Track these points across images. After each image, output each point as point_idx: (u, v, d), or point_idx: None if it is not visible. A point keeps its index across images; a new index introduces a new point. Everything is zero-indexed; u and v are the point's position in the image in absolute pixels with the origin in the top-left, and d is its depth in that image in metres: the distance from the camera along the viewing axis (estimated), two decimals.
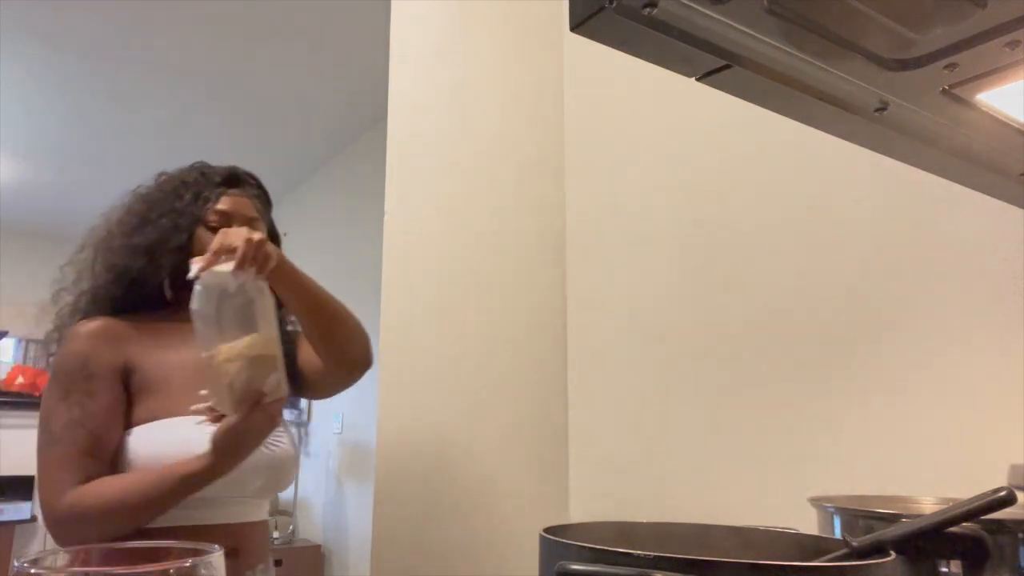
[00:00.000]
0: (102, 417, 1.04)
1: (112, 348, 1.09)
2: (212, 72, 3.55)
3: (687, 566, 0.44)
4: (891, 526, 0.63)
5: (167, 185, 1.20)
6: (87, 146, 4.46)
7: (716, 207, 1.49)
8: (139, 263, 1.14)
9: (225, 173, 1.23)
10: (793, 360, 1.31)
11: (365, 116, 3.77)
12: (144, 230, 1.15)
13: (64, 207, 5.47)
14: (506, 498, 1.64)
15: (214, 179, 1.21)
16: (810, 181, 1.32)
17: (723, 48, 0.50)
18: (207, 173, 1.21)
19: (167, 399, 1.08)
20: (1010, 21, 0.49)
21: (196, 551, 0.42)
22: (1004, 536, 0.65)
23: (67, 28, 3.17)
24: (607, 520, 0.74)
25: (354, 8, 2.94)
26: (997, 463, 0.85)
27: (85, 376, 1.06)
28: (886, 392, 1.17)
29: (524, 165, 1.82)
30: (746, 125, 1.43)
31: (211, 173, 1.22)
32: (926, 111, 0.60)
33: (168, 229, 1.15)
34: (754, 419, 1.36)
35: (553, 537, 0.55)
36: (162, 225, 1.15)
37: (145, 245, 1.14)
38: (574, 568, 0.48)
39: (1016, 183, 0.71)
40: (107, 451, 1.04)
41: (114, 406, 1.06)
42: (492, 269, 1.73)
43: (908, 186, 1.16)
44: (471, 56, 1.79)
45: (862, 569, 0.46)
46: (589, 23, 0.46)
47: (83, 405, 1.04)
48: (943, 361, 1.10)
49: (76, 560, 0.45)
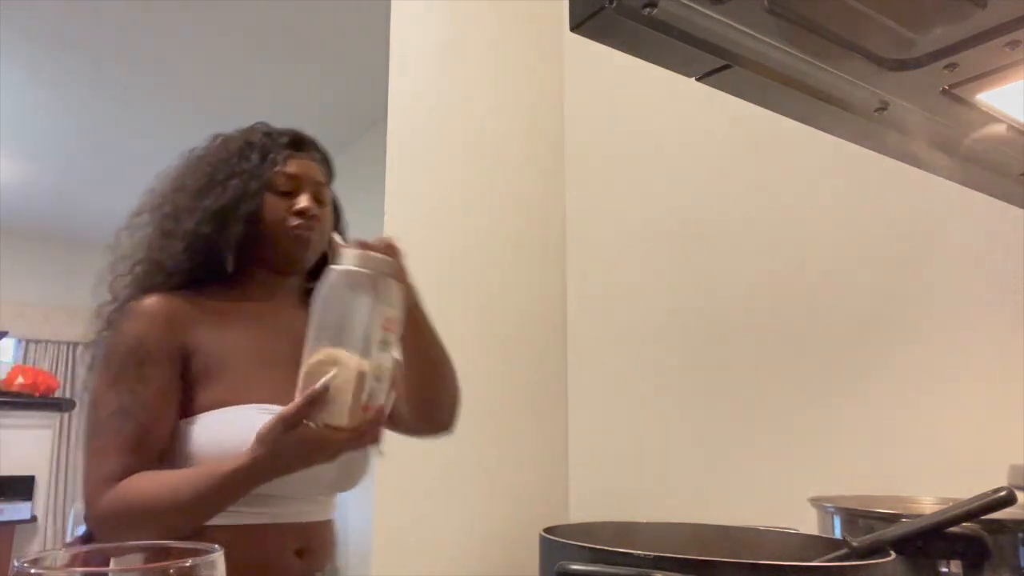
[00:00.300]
0: (153, 406, 0.94)
1: (169, 329, 0.98)
2: (212, 72, 3.56)
3: (687, 566, 0.44)
4: (891, 526, 0.63)
5: (231, 145, 1.09)
6: (87, 146, 4.46)
7: (716, 207, 1.49)
8: (207, 229, 1.02)
9: (291, 135, 1.12)
10: (793, 361, 1.31)
11: (365, 116, 3.77)
12: (212, 192, 1.03)
13: (64, 207, 5.47)
14: (506, 498, 1.64)
15: (280, 140, 1.10)
16: (810, 182, 1.32)
17: (723, 48, 0.50)
18: (271, 134, 1.11)
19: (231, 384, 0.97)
20: (1010, 21, 0.49)
21: (196, 551, 0.42)
22: (1004, 536, 0.65)
23: (68, 29, 3.17)
24: (607, 520, 0.74)
25: (354, 8, 2.94)
26: (997, 463, 0.85)
27: (138, 360, 0.96)
28: (886, 392, 1.17)
29: (524, 165, 1.82)
30: (746, 125, 1.43)
31: (276, 134, 1.11)
32: (926, 111, 0.60)
33: (239, 192, 1.03)
34: (754, 419, 1.36)
35: (553, 537, 0.55)
36: (232, 187, 1.03)
37: (215, 209, 1.02)
38: (574, 568, 0.48)
39: (1016, 183, 0.71)
40: (157, 443, 0.94)
41: (167, 394, 0.96)
42: (492, 269, 1.73)
43: (908, 186, 1.16)
44: (471, 57, 1.79)
45: (862, 569, 0.46)
46: (589, 23, 0.46)
47: (134, 392, 0.94)
48: (943, 361, 1.10)
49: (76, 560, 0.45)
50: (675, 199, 1.59)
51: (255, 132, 1.11)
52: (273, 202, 1.05)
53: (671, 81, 0.62)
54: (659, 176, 1.64)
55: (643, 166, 1.68)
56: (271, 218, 1.04)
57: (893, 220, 1.19)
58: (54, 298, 6.11)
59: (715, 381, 1.44)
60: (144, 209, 1.08)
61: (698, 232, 1.52)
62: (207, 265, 1.03)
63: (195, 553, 0.41)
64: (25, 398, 4.28)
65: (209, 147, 1.11)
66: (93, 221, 5.85)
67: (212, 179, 1.05)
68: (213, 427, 0.95)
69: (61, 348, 6.13)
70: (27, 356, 5.98)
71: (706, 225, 1.51)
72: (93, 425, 0.95)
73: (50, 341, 6.07)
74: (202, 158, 1.09)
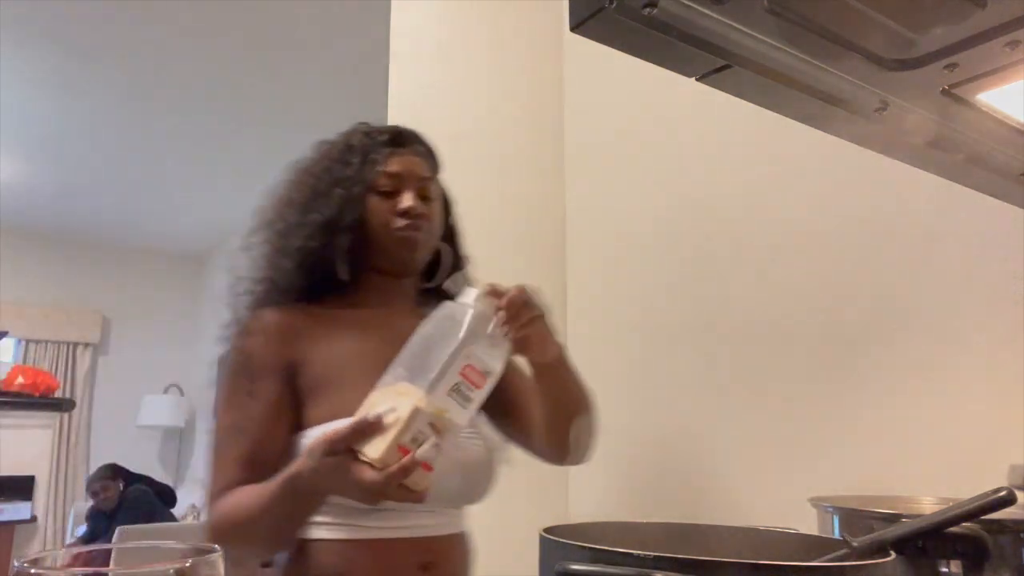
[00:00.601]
0: (264, 421, 0.94)
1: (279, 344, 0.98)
2: (212, 73, 3.56)
3: (687, 566, 0.44)
4: (891, 526, 0.63)
5: (332, 152, 1.07)
6: (87, 146, 4.46)
7: (717, 207, 1.49)
8: (315, 244, 1.01)
9: (390, 131, 1.09)
10: (793, 361, 1.31)
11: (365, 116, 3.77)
12: (318, 205, 1.02)
13: (64, 207, 5.46)
14: (506, 498, 1.64)
15: (379, 139, 1.07)
16: (810, 181, 1.32)
17: (723, 48, 0.50)
18: (371, 133, 1.08)
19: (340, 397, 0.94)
20: (1010, 21, 0.49)
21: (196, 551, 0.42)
22: (1004, 536, 0.65)
23: (68, 29, 3.17)
24: (607, 520, 0.74)
25: (354, 9, 2.94)
26: (997, 463, 0.85)
27: (249, 376, 0.96)
28: (886, 392, 1.17)
29: (524, 165, 1.82)
30: (746, 125, 1.43)
31: (375, 132, 1.09)
32: (926, 111, 0.60)
33: (343, 201, 1.01)
34: (754, 419, 1.36)
35: (553, 537, 0.54)
36: (336, 197, 1.02)
37: (321, 222, 1.01)
38: (574, 568, 0.48)
39: (1016, 183, 0.71)
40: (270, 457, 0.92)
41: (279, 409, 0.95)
42: (492, 269, 1.73)
43: (908, 186, 1.16)
44: (471, 57, 1.79)
45: (862, 569, 0.46)
46: (589, 23, 0.46)
47: (245, 408, 0.95)
48: (943, 361, 1.10)
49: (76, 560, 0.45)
50: (675, 199, 1.59)
51: (355, 134, 1.09)
52: (377, 204, 1.03)
53: (671, 81, 0.62)
54: (659, 176, 1.64)
55: (643, 166, 1.68)
56: (375, 221, 1.01)
57: (893, 220, 1.19)
58: (54, 298, 6.12)
59: (715, 381, 1.44)
60: (258, 227, 1.07)
61: (698, 232, 1.52)
62: (321, 277, 1.02)
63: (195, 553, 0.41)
64: (25, 398, 4.28)
65: (312, 156, 1.10)
66: (93, 221, 5.85)
67: (315, 191, 1.03)
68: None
69: (61, 348, 6.12)
70: (27, 356, 5.97)
71: (706, 225, 1.51)
72: (212, 440, 0.96)
73: (50, 341, 6.07)
74: (306, 169, 1.08)
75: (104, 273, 6.36)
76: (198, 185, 5.05)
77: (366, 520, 0.92)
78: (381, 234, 1.02)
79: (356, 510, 0.91)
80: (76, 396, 6.03)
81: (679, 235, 1.56)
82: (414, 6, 1.71)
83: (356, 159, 1.04)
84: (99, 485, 4.21)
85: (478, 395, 0.79)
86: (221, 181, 4.95)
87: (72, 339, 6.15)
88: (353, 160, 1.04)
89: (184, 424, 6.27)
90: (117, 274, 6.42)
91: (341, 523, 0.93)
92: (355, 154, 1.05)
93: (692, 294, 1.51)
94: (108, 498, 4.20)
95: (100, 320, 6.31)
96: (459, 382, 0.77)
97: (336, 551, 0.93)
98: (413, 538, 0.95)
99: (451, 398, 0.77)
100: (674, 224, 1.58)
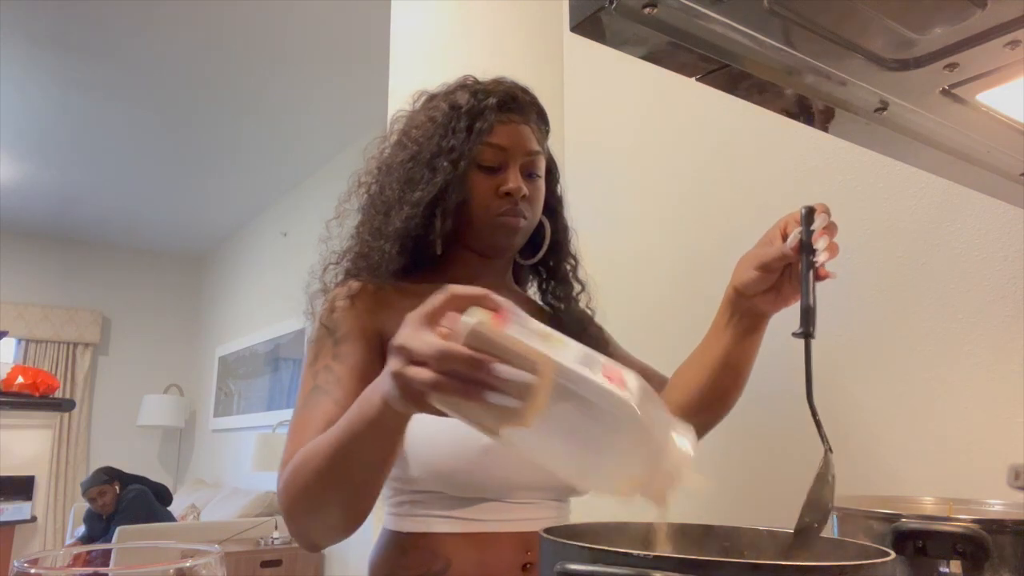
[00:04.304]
0: (346, 382, 0.88)
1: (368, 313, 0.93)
2: (213, 73, 3.56)
3: (687, 566, 0.44)
4: (891, 526, 0.63)
5: (436, 113, 0.98)
6: (87, 146, 4.46)
7: (717, 207, 1.49)
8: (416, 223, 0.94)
9: (500, 93, 0.99)
10: (792, 361, 1.31)
11: (365, 116, 3.77)
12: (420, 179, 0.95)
13: (64, 207, 5.47)
14: None
15: (488, 101, 0.97)
16: (810, 181, 1.32)
17: (723, 48, 0.50)
18: (478, 92, 0.99)
19: None
20: (1010, 21, 0.49)
21: (196, 551, 0.42)
22: (1004, 536, 0.65)
23: (69, 29, 3.17)
24: (607, 520, 0.74)
25: (354, 9, 2.95)
26: (997, 463, 0.85)
27: (334, 339, 0.92)
28: (886, 392, 1.17)
29: None
30: (745, 125, 1.43)
31: (482, 92, 0.99)
32: (926, 111, 0.60)
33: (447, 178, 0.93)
34: (753, 419, 1.36)
35: (553, 537, 0.54)
36: (440, 170, 0.93)
37: (426, 203, 0.93)
38: (574, 568, 0.48)
39: (1016, 183, 0.71)
40: None
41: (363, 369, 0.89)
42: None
43: (908, 186, 1.16)
44: (471, 57, 1.79)
45: (862, 569, 0.46)
46: (589, 23, 0.46)
47: (329, 370, 0.90)
48: (943, 361, 1.10)
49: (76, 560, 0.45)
50: (675, 199, 1.59)
51: (462, 91, 1.00)
52: (479, 181, 0.95)
53: (671, 81, 0.62)
54: (659, 176, 1.64)
55: (643, 166, 1.68)
56: (477, 201, 0.94)
57: (893, 220, 1.19)
58: (54, 298, 6.12)
59: None
60: (351, 191, 1.01)
61: (698, 232, 1.52)
62: (416, 255, 0.98)
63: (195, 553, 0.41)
64: (25, 398, 4.28)
65: (413, 114, 1.01)
66: (93, 221, 5.86)
67: (417, 160, 0.96)
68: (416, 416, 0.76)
69: (61, 348, 6.13)
70: (27, 356, 5.98)
71: (706, 225, 1.51)
72: (297, 404, 0.90)
73: (50, 341, 6.08)
74: (405, 131, 1.00)
75: (104, 273, 6.37)
76: (198, 185, 5.06)
77: (468, 512, 0.89)
78: (480, 215, 0.95)
79: (458, 502, 0.89)
80: (76, 396, 6.03)
81: (679, 235, 1.56)
82: (414, 6, 1.71)
83: (462, 124, 0.95)
84: (96, 491, 4.19)
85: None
86: (221, 181, 4.95)
87: (72, 339, 6.15)
88: (459, 126, 0.95)
89: (184, 424, 6.28)
90: (117, 274, 6.43)
91: (443, 516, 0.90)
92: (461, 119, 0.96)
93: (693, 294, 1.51)
94: (106, 503, 4.19)
95: (100, 320, 6.32)
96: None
97: (439, 544, 0.89)
98: (516, 532, 0.91)
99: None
100: (675, 224, 1.58)
